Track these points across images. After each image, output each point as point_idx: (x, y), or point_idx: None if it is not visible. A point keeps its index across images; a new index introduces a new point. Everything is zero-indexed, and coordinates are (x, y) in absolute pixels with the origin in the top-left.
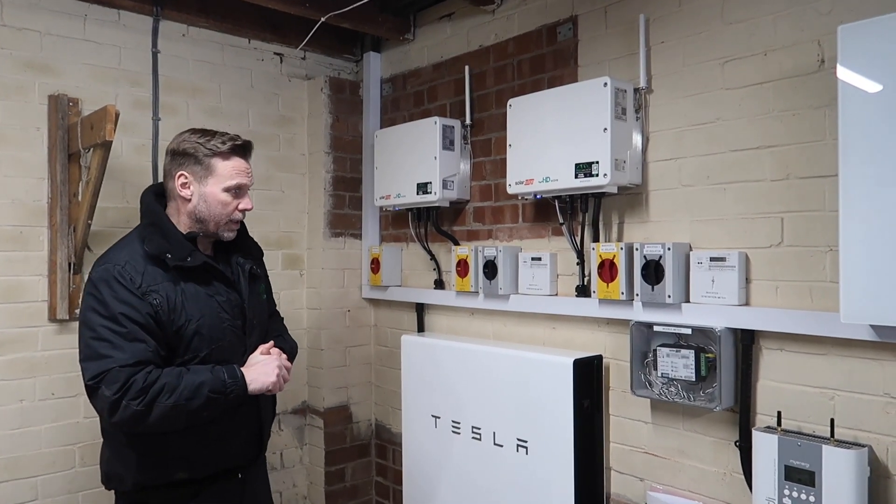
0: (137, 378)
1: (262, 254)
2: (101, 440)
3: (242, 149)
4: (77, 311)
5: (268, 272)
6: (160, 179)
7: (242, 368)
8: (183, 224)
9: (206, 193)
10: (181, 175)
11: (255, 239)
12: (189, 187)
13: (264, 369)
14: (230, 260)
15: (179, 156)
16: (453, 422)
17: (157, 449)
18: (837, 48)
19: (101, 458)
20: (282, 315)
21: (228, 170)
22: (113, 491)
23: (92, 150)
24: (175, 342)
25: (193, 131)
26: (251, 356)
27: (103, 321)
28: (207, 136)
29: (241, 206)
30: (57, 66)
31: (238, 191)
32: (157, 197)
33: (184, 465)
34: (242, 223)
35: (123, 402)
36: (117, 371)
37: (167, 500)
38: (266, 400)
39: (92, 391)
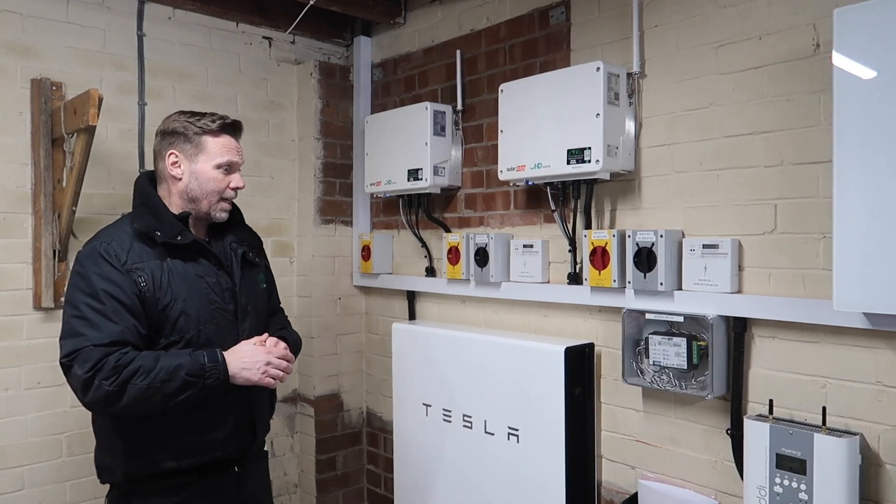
0: (110, 358)
1: (261, 243)
2: (89, 429)
3: (232, 127)
4: (62, 298)
5: (270, 271)
6: (147, 165)
7: (226, 353)
8: (175, 205)
9: (197, 171)
10: (171, 154)
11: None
12: (180, 166)
13: (249, 361)
14: (224, 244)
15: (169, 135)
16: (444, 410)
17: (142, 437)
18: (833, 32)
19: (94, 451)
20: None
21: (219, 147)
22: (108, 485)
23: (76, 135)
24: (161, 322)
25: (182, 112)
26: (239, 344)
27: (85, 298)
28: (197, 115)
29: (232, 184)
30: (40, 48)
31: (229, 168)
32: (150, 182)
33: (170, 453)
34: (239, 211)
35: (96, 381)
36: (90, 350)
37: (158, 492)
38: (258, 386)
39: (66, 369)
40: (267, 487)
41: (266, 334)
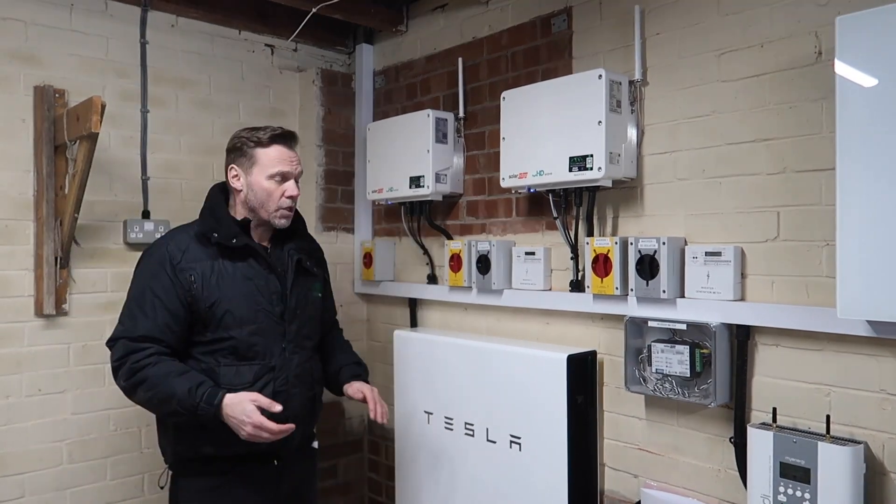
0: (132, 357)
1: (322, 254)
2: (90, 436)
3: (283, 137)
4: (64, 305)
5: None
6: (149, 172)
7: (227, 397)
8: (239, 213)
9: (252, 183)
10: (232, 168)
11: None
12: (239, 179)
13: (235, 422)
14: (283, 251)
15: (231, 152)
16: (446, 418)
17: (187, 424)
18: (835, 40)
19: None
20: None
21: (269, 158)
22: (168, 468)
23: (78, 142)
24: (208, 318)
25: (244, 128)
26: (242, 395)
27: (135, 290)
28: (254, 130)
29: (287, 193)
30: (43, 56)
31: (281, 178)
32: (222, 191)
33: (210, 440)
34: (303, 221)
35: (119, 373)
36: (123, 343)
37: (201, 474)
38: (300, 387)
39: (109, 350)
40: (312, 484)
41: (279, 407)
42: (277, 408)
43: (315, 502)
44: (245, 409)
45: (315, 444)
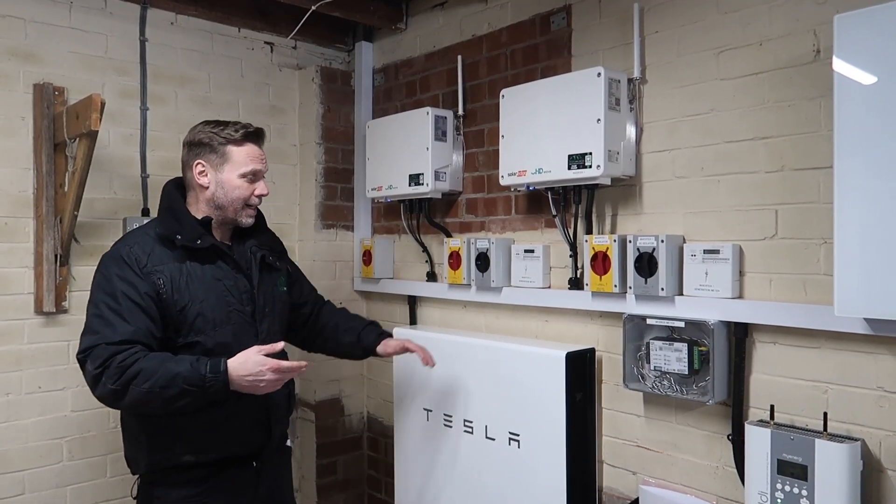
0: (117, 357)
1: (283, 247)
2: (90, 433)
3: (255, 135)
4: (64, 303)
5: (296, 267)
6: (148, 170)
7: (232, 363)
8: (200, 211)
9: (222, 180)
10: (198, 164)
11: None
12: (206, 175)
13: (252, 375)
14: (245, 248)
15: (196, 146)
16: (445, 415)
17: (162, 432)
18: (834, 38)
19: (123, 446)
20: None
21: (243, 156)
22: (137, 477)
23: (78, 139)
24: (179, 322)
25: (207, 122)
26: (242, 352)
27: (104, 297)
28: (221, 125)
29: (256, 192)
30: (42, 54)
31: (253, 176)
32: (177, 188)
33: (188, 447)
34: (263, 216)
35: (102, 378)
36: (102, 348)
37: (179, 484)
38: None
39: (81, 364)
40: (288, 483)
41: (282, 343)
42: (280, 346)
43: (292, 501)
44: (256, 360)
45: (289, 443)
